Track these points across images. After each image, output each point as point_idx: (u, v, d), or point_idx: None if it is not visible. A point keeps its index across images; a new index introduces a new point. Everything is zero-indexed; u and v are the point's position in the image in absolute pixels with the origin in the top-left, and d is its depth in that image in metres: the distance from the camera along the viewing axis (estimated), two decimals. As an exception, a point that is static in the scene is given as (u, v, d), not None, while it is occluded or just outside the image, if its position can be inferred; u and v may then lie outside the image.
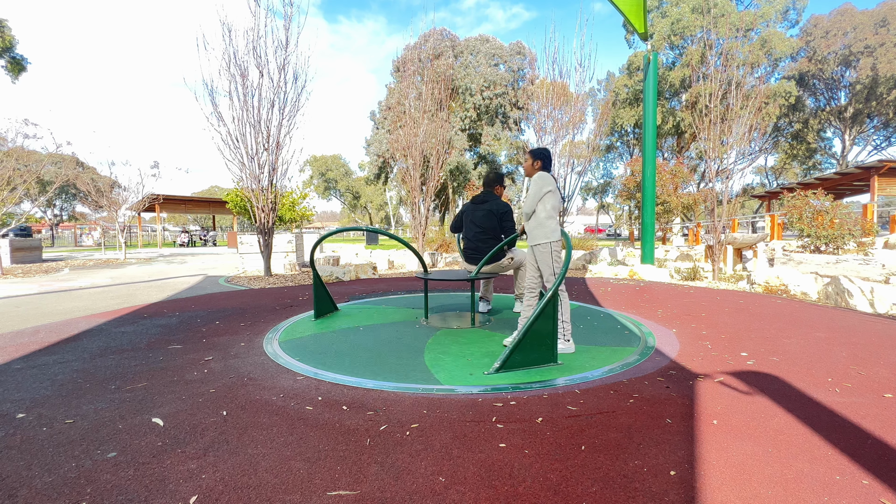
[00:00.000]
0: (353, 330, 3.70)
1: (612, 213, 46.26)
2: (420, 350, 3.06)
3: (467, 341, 3.27)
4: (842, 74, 29.53)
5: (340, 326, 3.83)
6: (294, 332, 3.62)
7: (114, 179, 15.91)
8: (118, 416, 2.02)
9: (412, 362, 2.79)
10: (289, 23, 7.40)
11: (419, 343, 3.24)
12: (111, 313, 4.59)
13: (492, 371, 2.57)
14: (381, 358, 2.89)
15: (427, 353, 2.98)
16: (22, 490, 1.44)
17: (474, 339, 3.35)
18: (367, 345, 3.21)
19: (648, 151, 7.68)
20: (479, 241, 4.13)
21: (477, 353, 2.97)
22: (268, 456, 1.64)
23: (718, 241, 6.97)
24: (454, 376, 2.52)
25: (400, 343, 3.25)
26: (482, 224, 4.12)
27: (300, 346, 3.21)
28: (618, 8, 7.28)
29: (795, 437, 1.75)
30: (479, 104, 27.67)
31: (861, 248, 7.62)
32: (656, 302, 4.92)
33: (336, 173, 51.85)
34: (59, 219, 40.25)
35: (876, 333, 3.38)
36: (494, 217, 4.10)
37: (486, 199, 4.18)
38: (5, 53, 17.76)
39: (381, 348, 3.12)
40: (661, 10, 28.20)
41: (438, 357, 2.89)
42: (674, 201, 18.38)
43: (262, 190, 7.60)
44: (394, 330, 3.68)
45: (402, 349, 3.09)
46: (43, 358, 2.97)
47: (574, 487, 1.43)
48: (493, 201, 4.17)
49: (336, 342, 3.30)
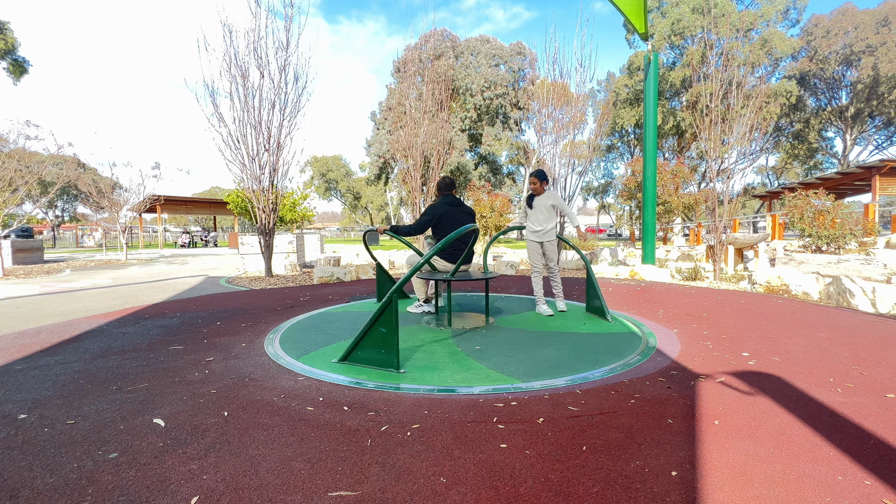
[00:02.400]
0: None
1: (612, 213, 46.23)
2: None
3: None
4: (843, 74, 29.48)
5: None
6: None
7: (115, 180, 15.94)
8: (119, 416, 2.02)
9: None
10: (289, 24, 7.41)
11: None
12: (112, 314, 4.59)
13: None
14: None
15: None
16: (24, 490, 1.44)
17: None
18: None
19: (649, 151, 7.67)
20: (466, 241, 4.21)
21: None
22: (269, 456, 1.65)
23: (719, 241, 6.96)
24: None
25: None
26: (464, 223, 4.21)
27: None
28: (618, 8, 7.28)
29: (797, 438, 1.74)
30: (480, 104, 27.67)
31: (862, 248, 7.60)
32: (657, 302, 4.92)
33: (337, 174, 51.90)
34: (61, 220, 40.32)
35: (878, 333, 3.37)
36: (473, 217, 4.33)
37: (461, 201, 4.41)
38: (7, 56, 17.82)
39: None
40: (661, 10, 28.18)
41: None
42: (675, 201, 18.35)
43: (262, 191, 7.61)
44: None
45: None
46: (45, 359, 2.98)
47: (575, 488, 1.43)
48: (464, 203, 4.45)
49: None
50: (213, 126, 7.21)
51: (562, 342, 3.24)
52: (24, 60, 18.50)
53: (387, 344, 2.62)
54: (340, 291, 6.02)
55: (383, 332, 2.62)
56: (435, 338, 3.41)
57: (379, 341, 2.65)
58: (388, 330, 2.60)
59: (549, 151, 9.20)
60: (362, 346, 2.70)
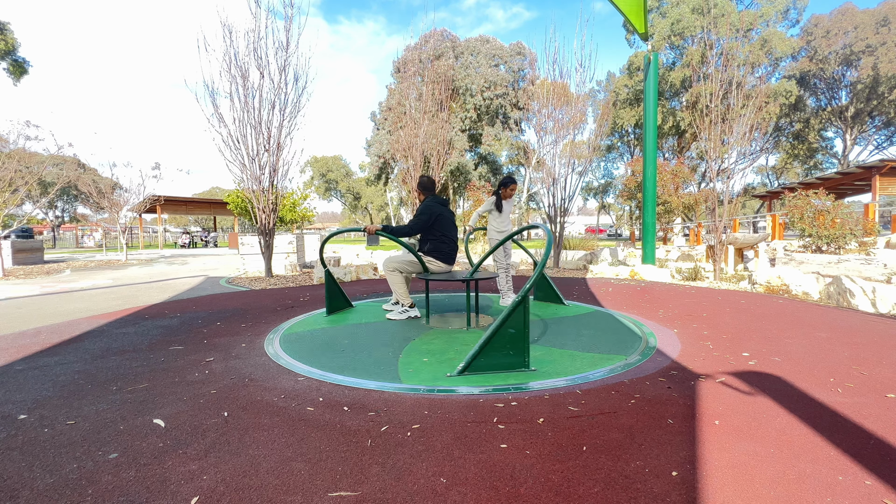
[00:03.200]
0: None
1: (612, 213, 46.23)
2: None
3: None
4: (843, 74, 29.49)
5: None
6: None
7: (115, 181, 15.95)
8: (119, 417, 2.02)
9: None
10: (289, 24, 7.41)
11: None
12: (113, 314, 4.59)
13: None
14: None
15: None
16: (23, 491, 1.44)
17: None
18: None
19: (649, 151, 7.67)
20: (457, 241, 4.36)
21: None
22: (269, 457, 1.64)
23: (720, 241, 6.95)
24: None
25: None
26: (455, 224, 4.37)
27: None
28: (618, 8, 7.28)
29: (798, 438, 1.74)
30: (480, 105, 27.68)
31: (863, 248, 7.60)
32: (657, 302, 4.92)
33: (337, 174, 51.89)
34: (61, 220, 40.33)
35: (878, 333, 3.37)
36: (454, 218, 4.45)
37: (447, 201, 4.46)
38: (7, 56, 17.82)
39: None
40: (661, 10, 28.19)
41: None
42: (675, 201, 18.36)
43: (262, 191, 7.61)
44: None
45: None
46: (45, 359, 2.98)
47: (576, 488, 1.43)
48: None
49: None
50: (213, 126, 7.21)
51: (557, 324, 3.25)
52: (24, 61, 18.50)
53: (516, 345, 2.58)
54: (340, 292, 6.01)
55: (512, 332, 2.56)
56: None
57: (507, 343, 2.57)
58: (518, 330, 2.57)
59: (549, 151, 9.19)
60: (486, 353, 2.57)
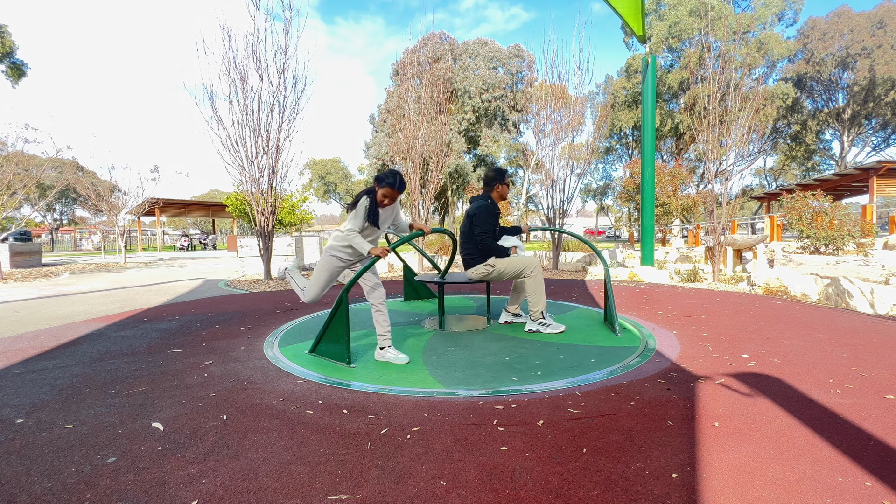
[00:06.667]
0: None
1: (611, 215, 46.27)
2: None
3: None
4: (839, 76, 29.60)
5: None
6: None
7: (114, 183, 15.92)
8: (118, 420, 2.01)
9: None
10: (288, 27, 7.43)
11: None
12: (111, 317, 4.58)
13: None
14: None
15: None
16: (21, 495, 1.43)
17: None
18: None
19: (647, 153, 7.69)
20: (461, 245, 3.81)
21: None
22: (268, 460, 1.64)
23: (718, 243, 6.97)
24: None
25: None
26: (463, 227, 3.79)
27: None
28: (616, 11, 7.31)
29: (797, 439, 1.74)
30: (478, 107, 27.74)
31: (861, 249, 7.62)
32: (656, 304, 4.92)
33: (335, 176, 51.89)
34: (59, 223, 40.25)
35: (877, 334, 3.37)
36: (468, 219, 3.71)
37: (473, 200, 3.82)
38: (5, 59, 17.81)
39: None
40: (658, 13, 28.29)
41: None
42: (673, 203, 18.38)
43: (261, 193, 7.61)
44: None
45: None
46: (43, 362, 2.97)
47: (576, 490, 1.42)
48: (475, 202, 3.75)
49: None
50: (211, 129, 7.23)
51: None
52: (22, 63, 18.49)
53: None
54: (339, 294, 6.01)
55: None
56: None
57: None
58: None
59: (547, 153, 9.21)
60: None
